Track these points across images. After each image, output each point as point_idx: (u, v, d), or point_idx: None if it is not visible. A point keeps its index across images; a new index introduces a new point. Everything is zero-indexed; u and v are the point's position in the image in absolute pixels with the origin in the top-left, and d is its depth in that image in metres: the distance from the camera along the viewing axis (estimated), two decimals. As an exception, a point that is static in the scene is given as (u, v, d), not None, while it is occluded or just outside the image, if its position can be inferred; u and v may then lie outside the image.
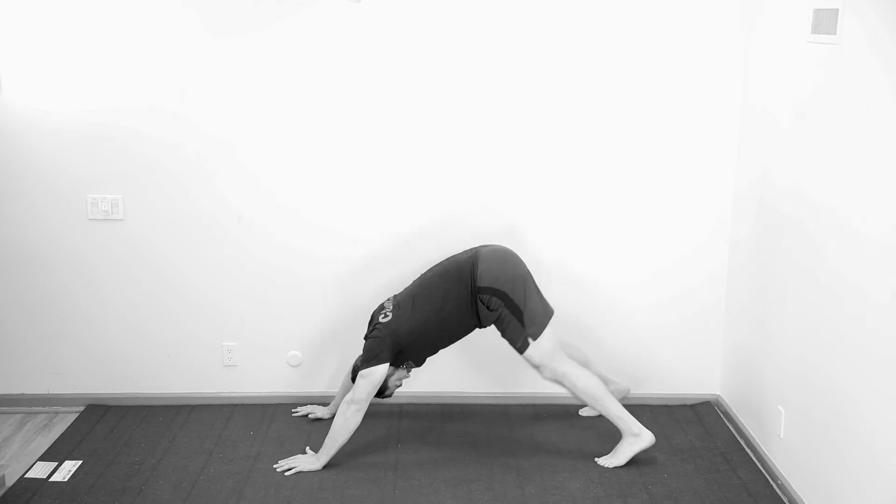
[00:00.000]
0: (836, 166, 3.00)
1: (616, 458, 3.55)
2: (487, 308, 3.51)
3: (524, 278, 3.57)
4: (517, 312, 3.50)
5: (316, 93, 3.86)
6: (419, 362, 3.67)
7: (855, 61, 2.87)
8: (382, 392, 3.59)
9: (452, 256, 3.69)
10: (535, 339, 3.51)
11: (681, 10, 3.81)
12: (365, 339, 3.64)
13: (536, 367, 3.55)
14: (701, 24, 3.82)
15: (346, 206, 3.98)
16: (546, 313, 3.57)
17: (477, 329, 3.66)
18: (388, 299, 3.67)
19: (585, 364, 3.88)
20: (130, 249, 4.00)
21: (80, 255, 3.99)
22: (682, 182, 3.98)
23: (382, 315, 3.57)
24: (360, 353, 3.73)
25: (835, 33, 2.96)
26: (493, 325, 3.58)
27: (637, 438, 3.54)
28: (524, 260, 3.66)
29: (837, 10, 2.93)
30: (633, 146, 3.94)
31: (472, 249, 3.67)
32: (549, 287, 4.03)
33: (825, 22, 3.02)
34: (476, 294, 3.51)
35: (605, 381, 3.93)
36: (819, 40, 3.09)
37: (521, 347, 3.53)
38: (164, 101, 3.85)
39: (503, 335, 3.57)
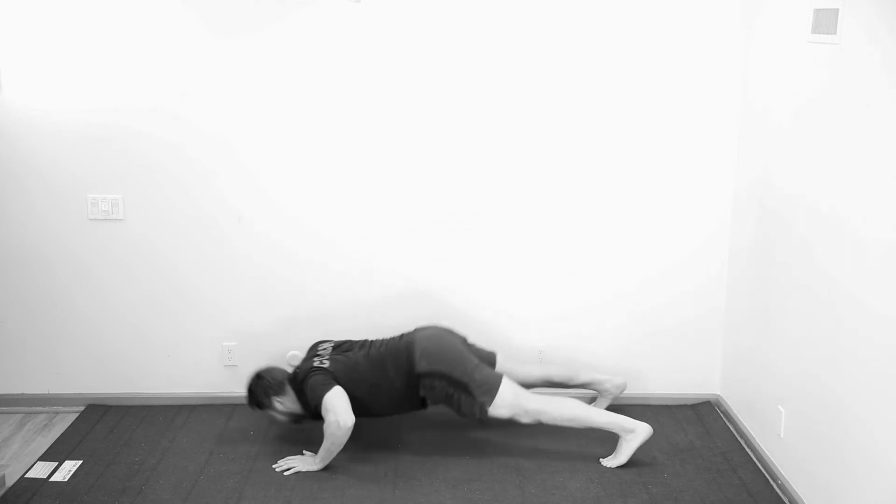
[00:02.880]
0: (836, 167, 3.00)
1: (618, 458, 3.55)
2: (432, 391, 3.54)
3: (462, 354, 3.57)
4: (463, 386, 3.50)
5: (316, 93, 3.86)
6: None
7: (855, 61, 2.87)
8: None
9: (389, 341, 3.69)
10: (490, 403, 3.48)
11: (681, 11, 3.81)
12: (301, 376, 3.61)
13: (510, 419, 3.53)
14: (701, 24, 3.82)
15: (346, 206, 3.98)
16: (496, 375, 3.56)
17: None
18: (325, 349, 3.72)
19: (572, 377, 3.90)
20: (130, 249, 4.00)
21: (80, 255, 3.99)
22: (682, 184, 3.98)
23: (318, 360, 3.62)
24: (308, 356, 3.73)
25: (835, 33, 2.95)
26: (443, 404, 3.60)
27: (634, 434, 3.53)
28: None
29: (837, 10, 2.93)
30: (633, 148, 3.94)
31: (407, 335, 3.68)
32: (551, 288, 4.05)
33: (825, 22, 3.02)
34: (418, 380, 3.54)
35: (600, 381, 3.94)
36: (819, 40, 3.09)
37: (481, 416, 3.52)
38: (164, 101, 3.85)
39: (458, 412, 3.56)
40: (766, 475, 3.52)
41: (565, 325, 4.11)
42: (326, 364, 3.59)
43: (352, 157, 3.94)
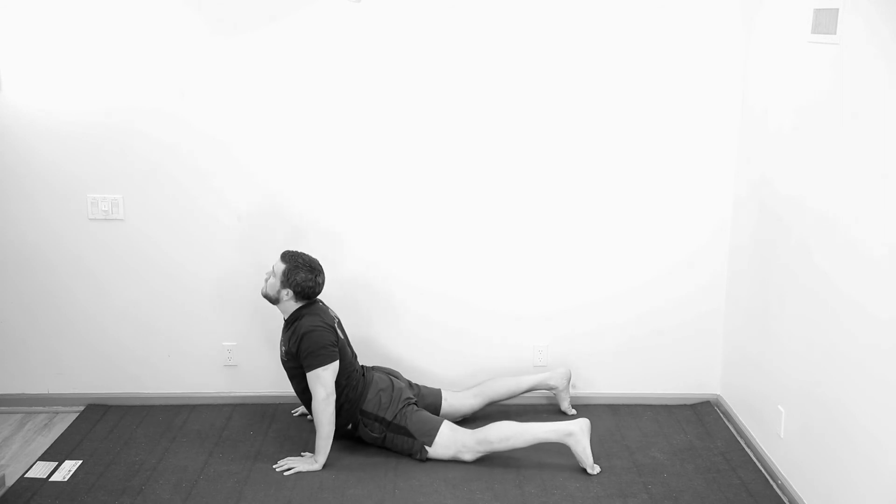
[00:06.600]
0: (836, 169, 2.99)
1: (585, 463, 3.49)
2: (371, 432, 3.60)
3: (406, 402, 3.63)
4: (402, 430, 3.57)
5: (315, 93, 3.86)
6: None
7: (856, 61, 2.86)
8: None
9: (355, 360, 3.72)
10: (430, 444, 3.54)
11: (680, 11, 3.81)
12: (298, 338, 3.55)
13: (453, 457, 3.56)
14: (701, 25, 3.82)
15: (343, 205, 3.98)
16: (434, 418, 3.62)
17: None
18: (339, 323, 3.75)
19: (514, 388, 3.90)
20: (130, 249, 4.00)
21: (81, 255, 3.99)
22: (683, 185, 3.97)
23: (340, 324, 3.66)
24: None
25: (835, 33, 2.95)
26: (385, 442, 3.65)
27: (575, 436, 3.48)
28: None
29: (837, 9, 2.92)
30: (634, 149, 3.93)
31: (366, 371, 3.71)
32: (552, 287, 4.04)
33: (825, 22, 3.02)
34: (361, 414, 3.60)
35: (544, 381, 3.94)
36: (819, 40, 3.08)
37: (420, 456, 3.56)
38: (164, 101, 3.85)
39: (397, 451, 3.61)
40: (766, 475, 3.52)
41: (566, 325, 4.11)
42: (342, 335, 3.62)
43: (350, 157, 3.94)
